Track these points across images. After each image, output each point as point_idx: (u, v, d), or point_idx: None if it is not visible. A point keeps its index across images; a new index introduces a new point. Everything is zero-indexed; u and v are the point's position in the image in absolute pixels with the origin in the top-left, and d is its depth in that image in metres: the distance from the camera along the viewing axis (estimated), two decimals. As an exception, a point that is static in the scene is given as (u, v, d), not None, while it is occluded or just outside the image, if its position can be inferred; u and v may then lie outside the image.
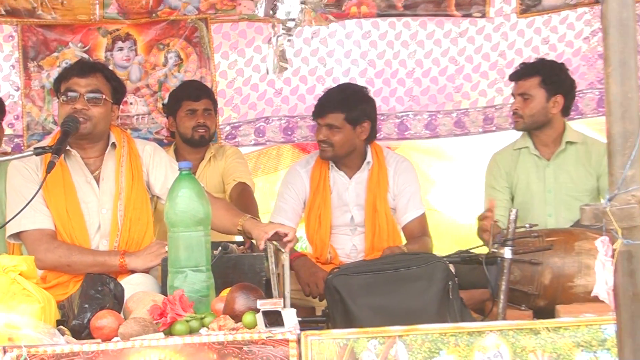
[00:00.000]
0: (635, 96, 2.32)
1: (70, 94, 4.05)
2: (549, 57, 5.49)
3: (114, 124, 4.24)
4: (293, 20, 3.45)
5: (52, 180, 3.96)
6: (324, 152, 4.85)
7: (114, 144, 4.16)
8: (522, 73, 4.95)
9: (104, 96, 4.07)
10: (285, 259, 3.51)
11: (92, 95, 4.04)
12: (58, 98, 4.14)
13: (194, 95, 5.15)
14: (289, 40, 3.65)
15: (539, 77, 4.89)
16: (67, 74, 4.15)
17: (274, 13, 3.43)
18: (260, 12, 3.51)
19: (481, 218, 4.21)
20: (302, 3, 3.45)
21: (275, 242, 3.64)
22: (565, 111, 4.96)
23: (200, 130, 5.12)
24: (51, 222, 4.01)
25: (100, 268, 3.85)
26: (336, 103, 4.82)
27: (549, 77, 4.90)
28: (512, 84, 5.07)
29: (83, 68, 4.20)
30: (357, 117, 4.79)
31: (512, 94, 5.01)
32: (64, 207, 4.03)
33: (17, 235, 4.02)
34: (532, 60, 5.17)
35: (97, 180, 4.12)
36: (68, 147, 4.02)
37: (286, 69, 3.77)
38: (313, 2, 3.55)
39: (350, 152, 4.86)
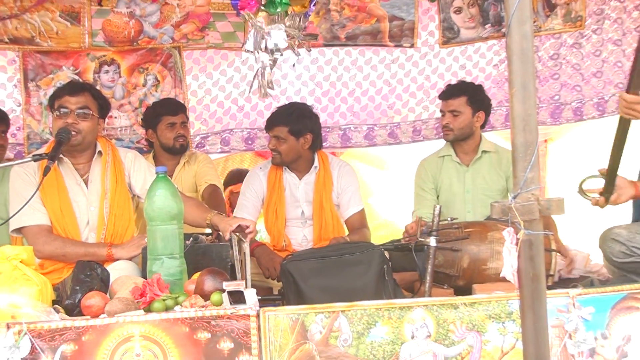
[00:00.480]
0: (534, 113, 2.36)
1: (62, 110, 4.02)
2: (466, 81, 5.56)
3: (100, 135, 4.22)
4: (279, 51, 3.42)
5: (47, 183, 3.94)
6: (274, 158, 4.88)
7: (100, 152, 4.13)
8: (451, 93, 4.95)
9: (91, 112, 4.05)
10: (246, 247, 3.53)
11: (81, 111, 4.02)
12: (52, 113, 4.10)
13: (172, 110, 5.12)
14: (275, 69, 3.66)
15: (465, 96, 4.89)
16: (60, 92, 4.12)
17: (262, 46, 3.40)
18: (249, 45, 3.45)
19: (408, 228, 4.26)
20: (287, 36, 3.43)
21: (237, 233, 3.65)
22: (483, 125, 5.02)
23: (180, 140, 5.10)
24: (47, 219, 3.98)
25: (91, 258, 3.80)
26: (281, 118, 4.85)
27: (474, 96, 4.92)
28: (437, 102, 5.08)
29: (74, 88, 4.17)
30: (299, 130, 4.81)
31: (441, 110, 4.99)
32: (58, 206, 4.01)
33: (18, 230, 4.00)
34: (454, 82, 5.18)
35: (86, 183, 4.10)
36: (61, 155, 3.99)
37: (271, 95, 3.77)
38: (295, 34, 3.52)
39: (296, 158, 4.87)
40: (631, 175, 3.96)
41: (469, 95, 4.91)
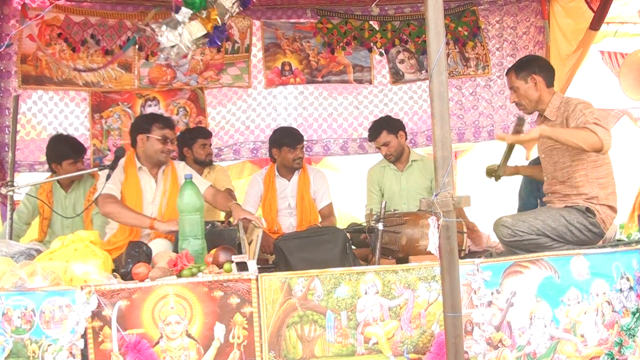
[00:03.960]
0: (449, 136, 2.39)
1: (168, 139, 4.04)
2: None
3: None
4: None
5: (130, 182, 3.97)
6: (299, 164, 4.85)
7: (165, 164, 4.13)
8: (374, 134, 4.84)
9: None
10: (260, 232, 3.50)
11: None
12: (149, 135, 4.01)
13: (205, 135, 5.08)
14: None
15: (384, 130, 4.80)
16: (166, 125, 4.08)
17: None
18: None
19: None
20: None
21: (253, 223, 3.63)
22: (405, 138, 4.95)
23: (209, 157, 5.07)
24: (117, 193, 3.93)
25: (138, 223, 3.82)
26: (301, 136, 4.90)
27: (389, 125, 4.83)
28: None
29: (172, 124, 4.20)
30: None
31: (377, 147, 4.90)
32: (134, 200, 3.98)
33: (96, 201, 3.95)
34: (371, 126, 4.98)
35: (157, 184, 4.08)
36: (139, 165, 4.01)
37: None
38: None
39: None
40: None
41: (385, 127, 4.82)
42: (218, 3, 3.12)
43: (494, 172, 3.99)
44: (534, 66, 3.71)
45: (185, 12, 3.08)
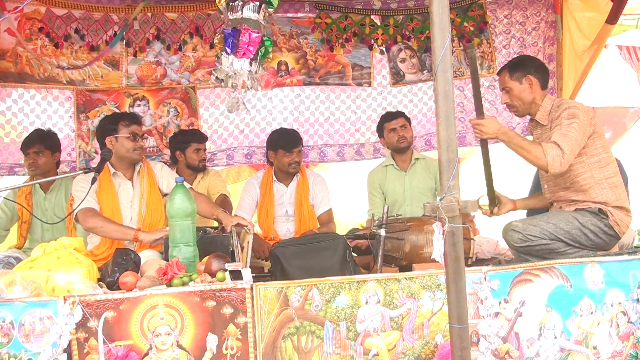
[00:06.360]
0: (454, 137, 2.41)
1: (135, 135, 4.03)
2: (411, 113, 5.53)
3: None
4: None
5: (104, 189, 3.97)
6: (296, 168, 4.87)
7: (140, 165, 4.13)
8: (395, 115, 4.99)
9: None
10: (250, 237, 3.53)
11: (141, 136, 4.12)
12: (117, 135, 4.01)
13: (200, 139, 5.07)
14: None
15: (403, 116, 4.97)
16: (131, 121, 4.09)
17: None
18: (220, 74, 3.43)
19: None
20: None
21: (245, 229, 3.65)
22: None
23: (202, 162, 5.05)
24: (95, 205, 3.92)
25: (121, 234, 3.82)
26: (299, 139, 4.91)
27: (406, 115, 5.01)
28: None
29: (139, 119, 4.20)
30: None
31: (392, 129, 4.94)
32: (110, 207, 3.98)
33: (77, 218, 3.96)
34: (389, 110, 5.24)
35: (134, 187, 4.08)
36: (113, 170, 4.01)
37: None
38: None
39: None
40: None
41: (403, 115, 5.00)
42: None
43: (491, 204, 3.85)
44: (529, 66, 3.73)
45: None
